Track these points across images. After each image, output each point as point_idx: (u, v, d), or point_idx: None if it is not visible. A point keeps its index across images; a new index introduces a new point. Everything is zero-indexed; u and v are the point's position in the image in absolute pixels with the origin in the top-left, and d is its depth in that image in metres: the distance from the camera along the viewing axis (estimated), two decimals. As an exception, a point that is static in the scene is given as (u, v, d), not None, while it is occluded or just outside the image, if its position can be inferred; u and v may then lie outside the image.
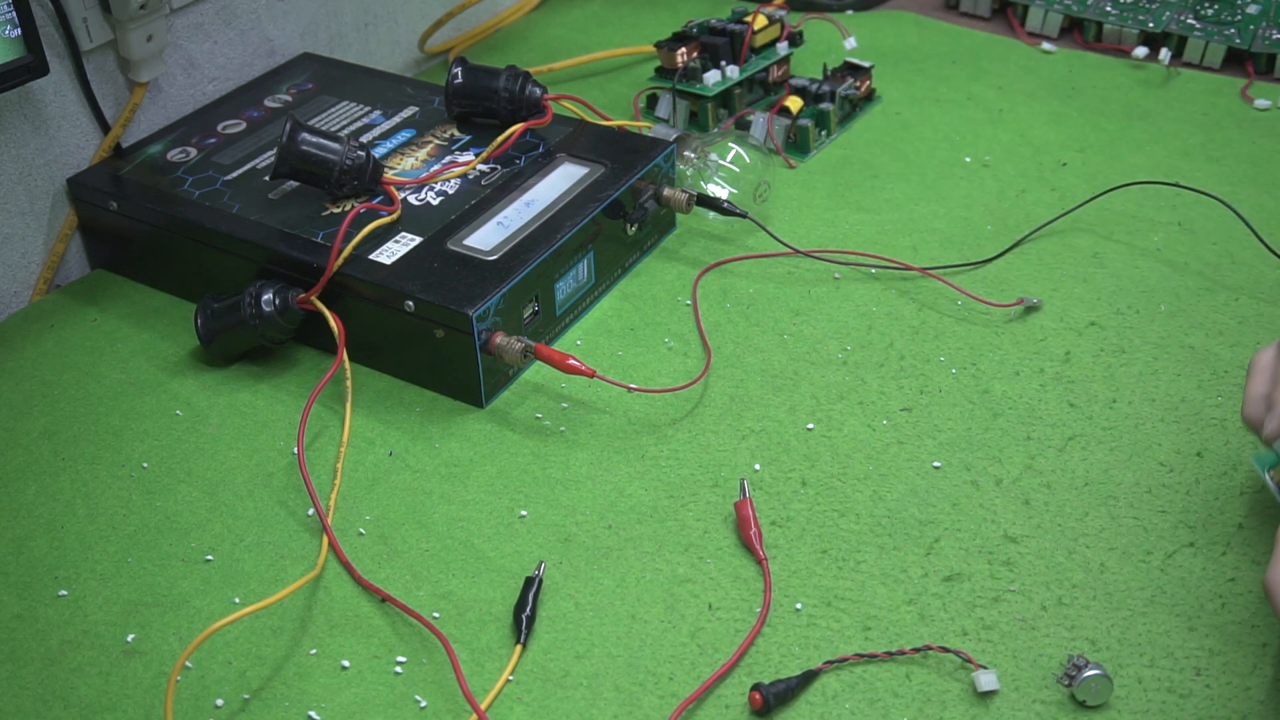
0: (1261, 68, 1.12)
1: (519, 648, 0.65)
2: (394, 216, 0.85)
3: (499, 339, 0.78)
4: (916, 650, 0.64)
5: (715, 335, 0.85)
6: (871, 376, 0.81)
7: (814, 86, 1.06)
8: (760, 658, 0.64)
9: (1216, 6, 1.15)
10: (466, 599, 0.68)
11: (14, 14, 0.81)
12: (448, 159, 0.92)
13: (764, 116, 1.04)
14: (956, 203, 0.97)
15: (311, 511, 0.73)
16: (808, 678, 0.62)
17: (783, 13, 1.10)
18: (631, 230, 0.89)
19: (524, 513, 0.73)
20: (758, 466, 0.75)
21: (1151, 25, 1.15)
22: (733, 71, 1.05)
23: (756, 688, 0.61)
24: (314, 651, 0.65)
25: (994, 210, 0.96)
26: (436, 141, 0.94)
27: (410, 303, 0.79)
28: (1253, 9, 1.15)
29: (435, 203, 0.87)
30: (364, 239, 0.82)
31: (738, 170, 0.95)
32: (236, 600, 0.68)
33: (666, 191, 0.91)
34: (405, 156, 0.92)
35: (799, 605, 0.67)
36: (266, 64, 1.05)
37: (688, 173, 0.96)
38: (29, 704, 0.63)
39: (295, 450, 0.77)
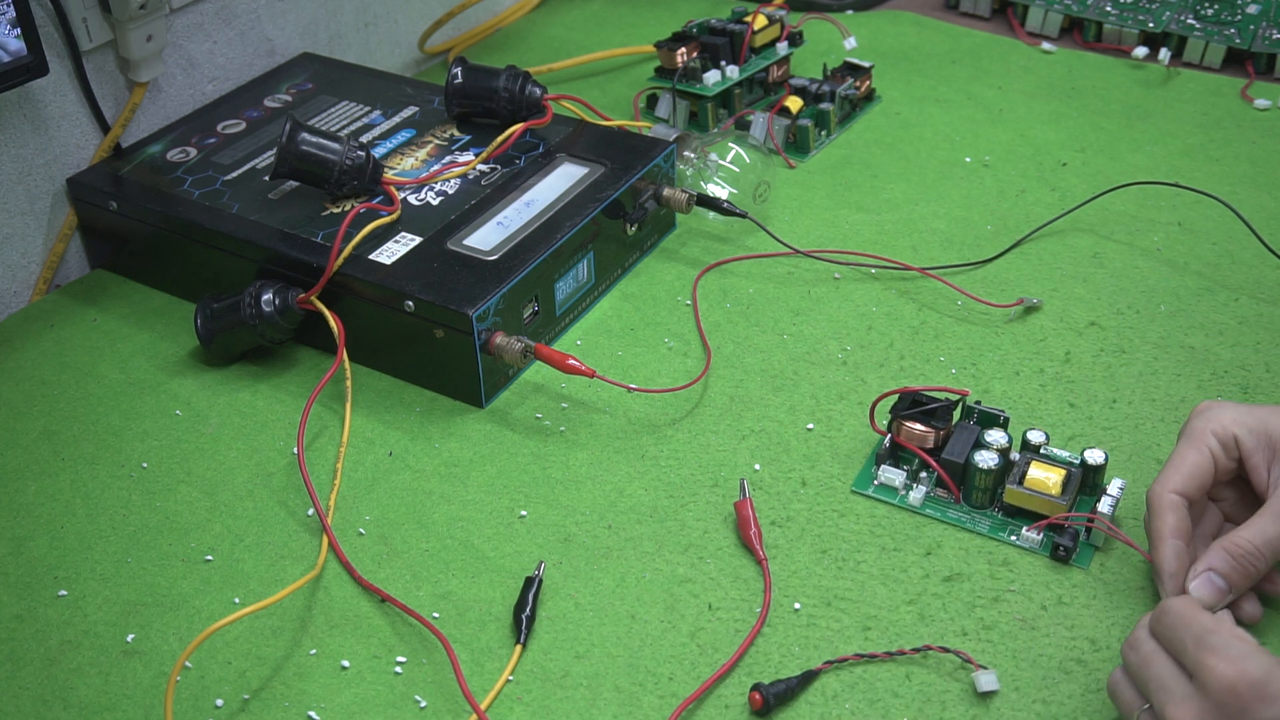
0: (1261, 68, 1.12)
1: (519, 648, 0.65)
2: (394, 216, 0.85)
3: (499, 339, 0.78)
4: (916, 650, 0.64)
5: (715, 335, 0.85)
6: (871, 376, 0.81)
7: (814, 86, 1.06)
8: (760, 658, 0.64)
9: (1216, 6, 1.15)
10: (466, 599, 0.68)
11: (13, 13, 0.81)
12: (447, 159, 0.92)
13: (764, 116, 1.04)
14: (956, 203, 0.97)
15: (311, 511, 0.73)
16: (808, 678, 0.62)
17: (783, 13, 1.10)
18: (631, 230, 0.89)
19: (524, 513, 0.73)
20: (758, 466, 0.75)
21: (1151, 25, 1.15)
22: (732, 71, 1.05)
23: (756, 688, 0.61)
24: (314, 651, 0.65)
25: (994, 210, 0.96)
26: (436, 141, 0.94)
27: (410, 303, 0.79)
28: (1253, 9, 1.15)
29: (435, 203, 0.87)
30: (364, 239, 0.82)
31: (738, 170, 0.95)
32: (236, 600, 0.68)
33: (666, 191, 0.91)
34: (405, 156, 0.92)
35: (798, 605, 0.67)
36: (266, 64, 1.05)
37: (688, 173, 0.96)
38: (29, 704, 0.63)
39: (295, 450, 0.77)
